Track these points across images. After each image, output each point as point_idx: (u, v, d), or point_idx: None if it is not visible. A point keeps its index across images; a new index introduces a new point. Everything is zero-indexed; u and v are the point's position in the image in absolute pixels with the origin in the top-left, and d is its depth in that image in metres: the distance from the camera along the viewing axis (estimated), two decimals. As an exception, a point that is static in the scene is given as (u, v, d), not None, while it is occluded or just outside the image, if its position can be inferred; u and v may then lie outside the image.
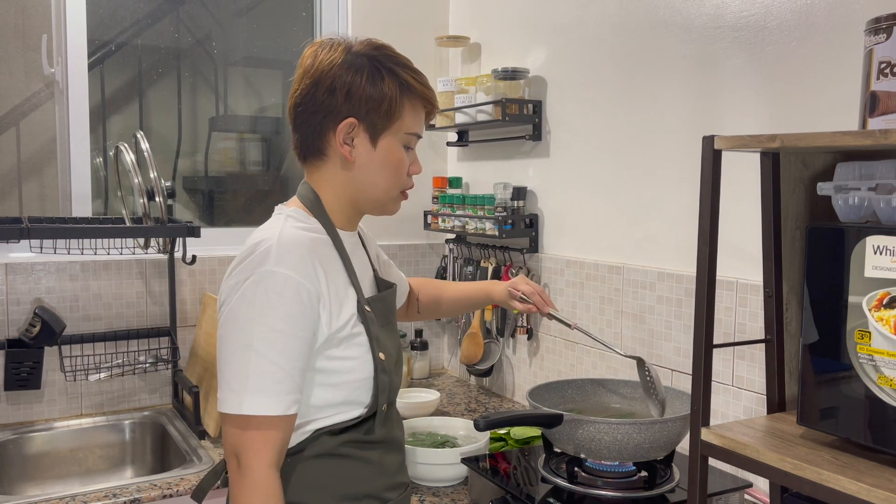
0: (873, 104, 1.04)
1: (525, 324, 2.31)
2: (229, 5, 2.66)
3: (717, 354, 1.67)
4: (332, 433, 1.20)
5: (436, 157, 2.74)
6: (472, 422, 1.77)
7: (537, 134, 2.28)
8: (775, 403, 1.26)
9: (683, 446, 1.58)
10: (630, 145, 1.98)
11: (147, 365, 2.22)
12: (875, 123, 1.03)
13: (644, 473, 1.56)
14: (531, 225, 2.29)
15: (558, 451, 1.62)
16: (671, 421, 1.48)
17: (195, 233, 2.07)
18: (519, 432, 1.89)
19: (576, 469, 1.57)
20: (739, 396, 1.68)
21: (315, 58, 1.22)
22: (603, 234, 2.08)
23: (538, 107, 2.27)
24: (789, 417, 1.21)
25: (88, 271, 2.19)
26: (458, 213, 2.41)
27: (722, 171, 1.13)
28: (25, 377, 2.06)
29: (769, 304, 1.25)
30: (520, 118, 2.25)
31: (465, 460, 1.71)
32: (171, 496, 1.69)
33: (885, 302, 0.98)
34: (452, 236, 2.63)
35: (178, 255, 2.18)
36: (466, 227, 2.37)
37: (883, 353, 0.98)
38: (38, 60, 2.28)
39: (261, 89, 2.82)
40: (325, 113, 1.21)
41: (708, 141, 1.12)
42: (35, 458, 2.05)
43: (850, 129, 1.02)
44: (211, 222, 2.68)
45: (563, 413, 1.50)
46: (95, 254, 2.14)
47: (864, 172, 1.08)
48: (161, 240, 2.15)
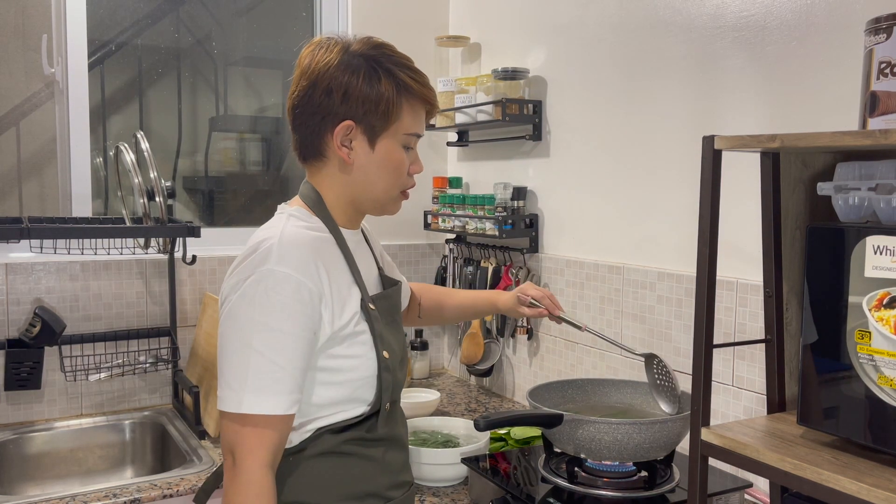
0: (873, 104, 1.03)
1: (525, 324, 2.31)
2: (229, 5, 2.66)
3: (717, 354, 1.67)
4: (333, 431, 1.20)
5: (436, 157, 2.74)
6: (472, 422, 1.77)
7: (537, 134, 2.28)
8: (775, 403, 1.26)
9: (683, 446, 1.58)
10: (630, 145, 1.98)
11: (147, 365, 2.22)
12: (875, 123, 1.03)
13: (644, 473, 1.56)
14: (531, 225, 2.29)
15: (558, 451, 1.62)
16: (671, 421, 1.48)
17: (195, 233, 2.07)
18: (519, 432, 1.89)
19: (576, 469, 1.57)
20: (739, 396, 1.68)
21: (312, 58, 1.21)
22: (603, 234, 2.08)
23: (538, 107, 2.27)
24: (789, 417, 1.21)
25: (88, 271, 2.19)
26: (459, 213, 2.41)
27: (722, 171, 1.13)
28: (25, 377, 2.06)
29: (769, 304, 1.25)
30: (520, 118, 2.25)
31: (466, 460, 1.71)
32: (171, 496, 1.69)
33: (885, 302, 0.98)
34: (452, 236, 2.63)
35: (178, 255, 2.18)
36: (466, 227, 2.37)
37: (883, 353, 0.98)
38: (38, 60, 2.28)
39: (261, 89, 2.82)
40: (323, 115, 1.20)
41: (708, 141, 1.12)
42: (35, 458, 2.05)
43: (850, 129, 1.02)
44: (211, 222, 2.68)
45: (564, 413, 1.50)
46: (95, 254, 2.14)
47: (864, 172, 1.08)
48: (161, 240, 2.15)
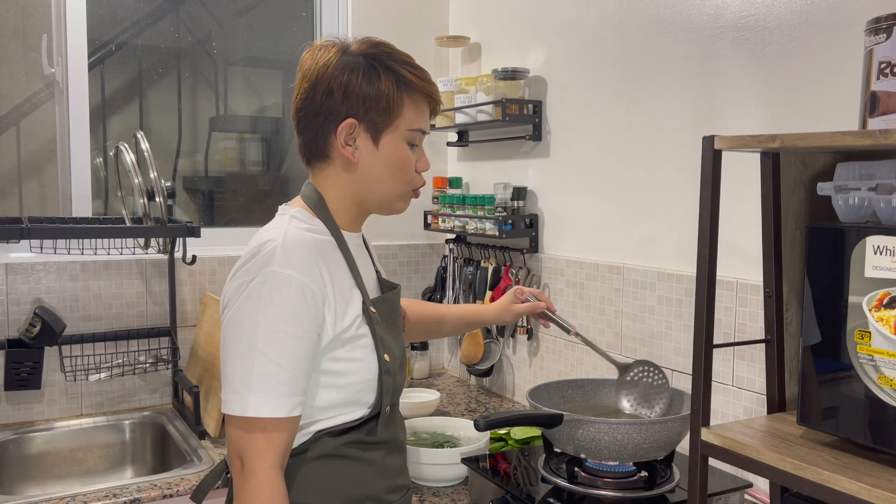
0: (873, 104, 1.03)
1: (525, 324, 2.31)
2: (229, 5, 2.66)
3: (717, 354, 1.67)
4: (333, 434, 1.20)
5: (436, 157, 2.74)
6: (472, 422, 1.77)
7: (537, 134, 2.28)
8: (775, 403, 1.26)
9: (683, 446, 1.58)
10: (630, 145, 1.97)
11: (147, 365, 2.22)
12: (875, 123, 1.03)
13: (644, 473, 1.56)
14: (531, 225, 2.29)
15: (558, 451, 1.62)
16: (671, 421, 1.48)
17: (195, 233, 2.07)
18: (519, 432, 1.89)
19: (576, 469, 1.57)
20: (739, 396, 1.68)
21: (312, 61, 1.22)
22: (603, 234, 2.08)
23: (538, 107, 2.27)
24: (789, 417, 1.21)
25: (88, 271, 2.19)
26: (459, 213, 2.41)
27: (722, 171, 1.13)
28: (25, 377, 2.06)
29: (769, 304, 1.25)
30: (520, 118, 2.25)
31: (465, 460, 1.71)
32: (171, 496, 1.69)
33: (885, 302, 0.98)
34: (452, 236, 2.63)
35: (178, 255, 2.18)
36: (466, 227, 2.37)
37: (883, 353, 0.98)
38: (38, 60, 2.28)
39: (261, 89, 2.82)
40: (326, 115, 1.20)
41: (708, 141, 1.12)
42: (35, 458, 2.05)
43: (850, 129, 1.02)
44: (211, 222, 2.68)
45: (564, 413, 1.50)
46: (95, 254, 2.14)
47: (864, 172, 1.08)
48: (161, 240, 2.15)
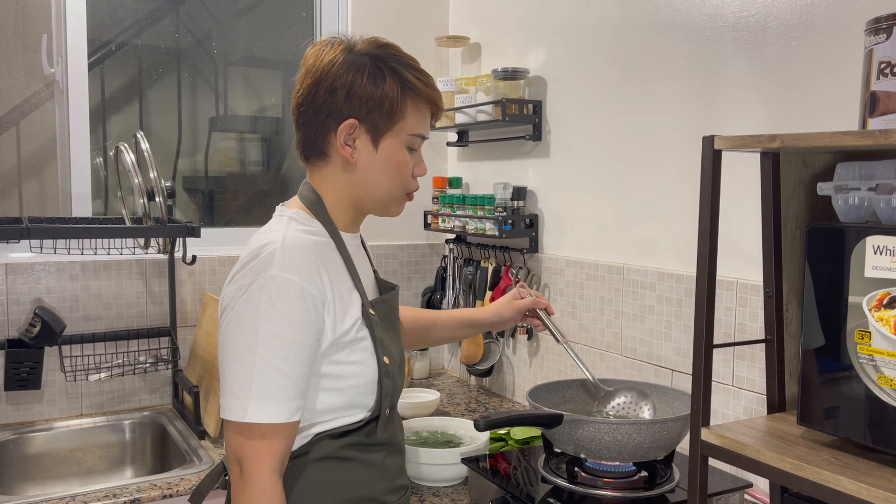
0: (873, 104, 1.03)
1: (525, 323, 2.30)
2: (229, 5, 2.66)
3: (717, 354, 1.67)
4: (333, 436, 1.19)
5: (436, 157, 2.74)
6: (472, 422, 1.77)
7: (537, 134, 2.28)
8: (775, 403, 1.26)
9: (683, 446, 1.58)
10: (630, 145, 1.97)
11: (147, 365, 2.22)
12: (875, 123, 1.03)
13: (644, 473, 1.56)
14: (531, 225, 2.29)
15: (558, 451, 1.62)
16: (671, 421, 1.48)
17: (195, 233, 2.07)
18: (519, 432, 1.89)
19: (576, 469, 1.57)
20: (739, 396, 1.68)
21: (317, 57, 1.21)
22: (603, 234, 2.08)
23: (538, 107, 2.27)
24: (789, 417, 1.21)
25: (88, 271, 2.19)
26: (459, 213, 2.41)
27: (722, 171, 1.13)
28: (25, 377, 2.06)
29: (769, 304, 1.25)
30: (520, 118, 2.25)
31: (465, 460, 1.71)
32: (171, 496, 1.69)
33: (885, 302, 0.98)
34: (452, 236, 2.63)
35: (178, 255, 2.18)
36: (466, 227, 2.37)
37: (883, 353, 0.98)
38: (38, 60, 2.28)
39: (261, 89, 2.82)
40: (327, 113, 1.20)
41: (708, 141, 1.12)
42: (35, 458, 2.05)
43: (850, 129, 1.02)
44: (211, 222, 2.68)
45: (564, 413, 1.50)
46: (95, 254, 2.14)
47: (864, 172, 1.08)
48: (161, 240, 2.15)
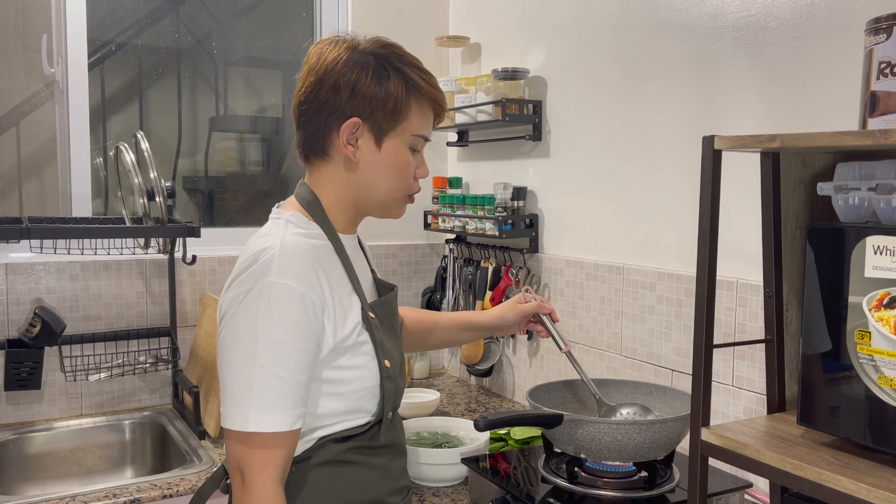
0: (873, 104, 1.03)
1: (528, 329, 2.30)
2: (229, 5, 2.66)
3: (717, 354, 1.67)
4: (337, 440, 1.19)
5: (436, 157, 2.74)
6: (472, 422, 1.77)
7: (537, 134, 2.28)
8: (775, 403, 1.26)
9: (683, 446, 1.58)
10: (630, 145, 1.97)
11: (147, 365, 2.22)
12: (875, 123, 1.03)
13: (644, 473, 1.56)
14: (531, 225, 2.29)
15: (558, 451, 1.62)
16: (671, 421, 1.48)
17: (195, 233, 2.07)
18: (519, 432, 1.89)
19: (576, 469, 1.56)
20: (739, 396, 1.68)
21: (320, 55, 1.20)
22: (603, 234, 2.08)
23: (538, 107, 2.27)
24: (789, 417, 1.21)
25: (88, 271, 2.19)
26: (459, 213, 2.41)
27: (722, 171, 1.13)
28: (25, 377, 2.06)
29: (769, 304, 1.25)
30: (520, 118, 2.25)
31: (465, 460, 1.71)
32: (171, 496, 1.69)
33: (885, 302, 0.98)
34: (452, 236, 2.63)
35: (178, 255, 2.18)
36: (466, 227, 2.37)
37: (883, 353, 0.98)
38: (38, 60, 2.28)
39: (261, 89, 2.82)
40: (329, 111, 1.18)
41: (708, 141, 1.12)
42: (35, 459, 2.05)
43: (850, 129, 1.02)
44: (211, 222, 2.68)
45: (564, 413, 1.50)
46: (95, 254, 2.14)
47: (864, 172, 1.07)
48: (161, 240, 2.15)
